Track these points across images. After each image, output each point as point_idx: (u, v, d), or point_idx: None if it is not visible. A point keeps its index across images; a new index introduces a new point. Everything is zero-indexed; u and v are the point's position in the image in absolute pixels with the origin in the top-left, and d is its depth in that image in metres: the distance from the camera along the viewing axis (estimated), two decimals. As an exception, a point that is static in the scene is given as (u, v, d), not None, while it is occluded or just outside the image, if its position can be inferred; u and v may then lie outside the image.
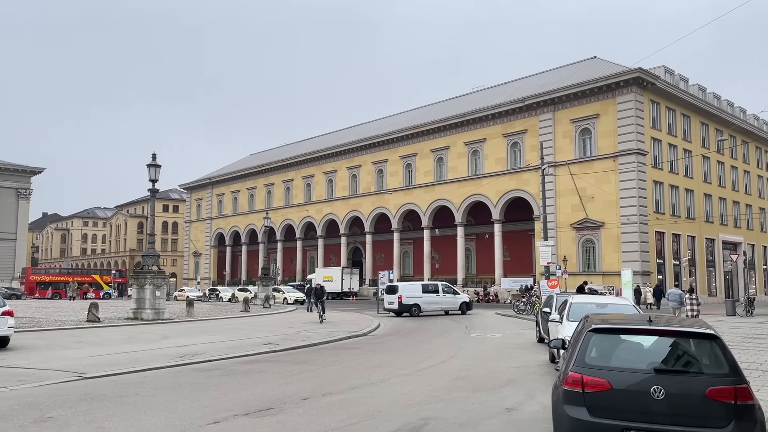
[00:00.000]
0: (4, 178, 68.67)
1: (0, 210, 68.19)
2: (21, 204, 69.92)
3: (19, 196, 69.65)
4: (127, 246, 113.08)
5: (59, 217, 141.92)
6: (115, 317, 26.65)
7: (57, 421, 7.68)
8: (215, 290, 58.55)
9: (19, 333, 17.81)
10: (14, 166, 69.61)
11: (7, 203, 68.63)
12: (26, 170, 70.36)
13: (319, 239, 67.98)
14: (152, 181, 26.83)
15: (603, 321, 6.33)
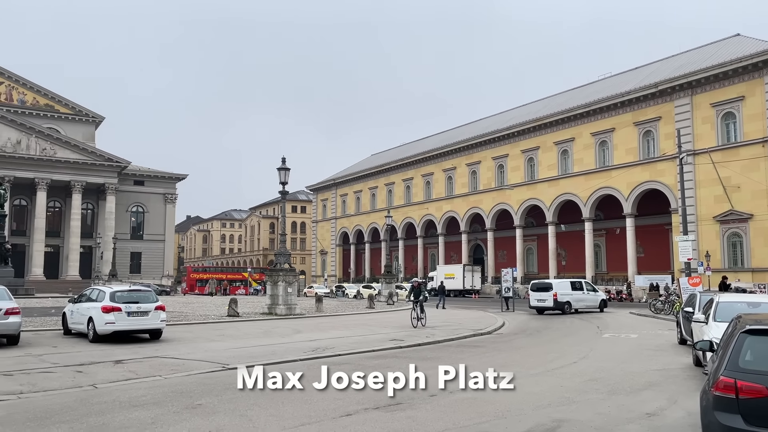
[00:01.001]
0: (154, 184, 75.70)
1: (151, 214, 75.34)
2: (168, 208, 76.70)
3: (167, 201, 76.42)
4: (261, 245, 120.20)
5: (201, 219, 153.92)
6: (252, 312, 28.38)
7: (205, 408, 8.32)
8: (341, 287, 60.60)
9: (170, 326, 19.46)
10: (162, 173, 76.52)
11: (156, 208, 75.63)
12: (172, 177, 77.06)
13: (439, 237, 68.09)
14: (282, 183, 28.23)
15: (758, 322, 5.78)
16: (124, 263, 69.45)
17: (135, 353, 13.93)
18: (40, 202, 64.73)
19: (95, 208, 72.13)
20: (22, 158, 62.92)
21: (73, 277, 64.50)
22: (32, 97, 70.95)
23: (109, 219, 68.13)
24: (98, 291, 17.20)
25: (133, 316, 16.01)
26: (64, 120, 72.33)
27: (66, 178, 65.76)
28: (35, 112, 70.01)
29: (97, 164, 67.52)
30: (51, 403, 8.53)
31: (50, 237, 66.70)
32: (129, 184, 73.07)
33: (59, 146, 65.57)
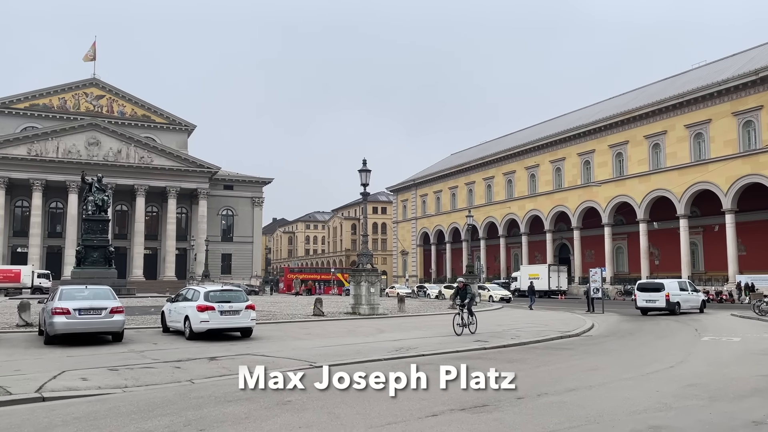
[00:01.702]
0: (242, 189, 78.84)
1: (240, 217, 78.51)
2: (256, 211, 79.65)
3: (254, 204, 79.37)
4: (343, 246, 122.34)
5: (286, 221, 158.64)
6: (336, 312, 28.91)
7: (295, 404, 8.55)
8: (423, 287, 60.59)
9: (259, 325, 20.13)
10: (249, 177, 79.54)
11: (245, 211, 78.74)
12: (258, 181, 79.96)
13: (522, 236, 66.69)
14: (363, 185, 28.61)
15: None
16: (216, 264, 72.73)
17: (228, 350, 14.52)
18: (139, 208, 69.01)
19: (189, 212, 76.00)
20: (123, 166, 67.34)
21: (169, 277, 68.27)
22: (131, 108, 75.77)
23: (202, 222, 71.62)
24: (193, 291, 18.08)
25: (225, 315, 16.71)
26: (159, 129, 76.75)
27: (162, 184, 69.74)
28: (134, 123, 74.70)
29: (190, 170, 71.12)
30: (153, 397, 9.05)
31: (149, 240, 70.94)
32: (219, 188, 76.47)
33: (156, 154, 69.63)
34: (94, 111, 73.03)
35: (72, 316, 15.11)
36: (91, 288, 17.23)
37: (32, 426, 7.37)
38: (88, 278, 31.46)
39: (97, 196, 38.77)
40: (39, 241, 65.35)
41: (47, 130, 65.60)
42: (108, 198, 40.19)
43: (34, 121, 70.48)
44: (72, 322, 15.12)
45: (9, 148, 63.54)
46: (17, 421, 7.61)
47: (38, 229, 65.32)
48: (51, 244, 68.48)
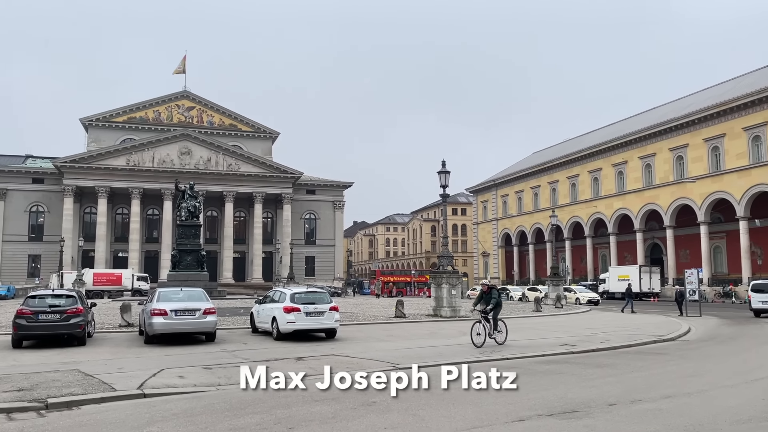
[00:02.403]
0: (324, 193, 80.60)
1: (322, 221, 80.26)
2: (337, 214, 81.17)
3: (335, 208, 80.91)
4: (423, 248, 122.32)
5: (366, 224, 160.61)
6: (417, 314, 28.93)
7: (379, 405, 8.63)
8: (505, 289, 59.51)
9: (343, 326, 20.47)
10: (330, 182, 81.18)
11: (326, 214, 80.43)
12: (339, 185, 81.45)
13: (610, 236, 64.16)
14: (443, 186, 28.51)
15: None
16: (300, 267, 74.68)
17: (313, 351, 14.86)
18: (228, 213, 72.07)
19: (274, 217, 78.51)
20: (213, 174, 70.56)
21: (257, 279, 70.78)
22: (219, 118, 79.27)
23: (286, 226, 73.82)
24: (280, 293, 18.64)
25: (310, 317, 17.11)
26: (245, 137, 79.79)
27: (249, 190, 72.48)
28: (222, 132, 78.10)
29: (275, 176, 73.50)
30: (244, 396, 9.38)
31: (237, 244, 73.87)
32: (302, 193, 78.51)
33: (243, 161, 72.50)
34: (185, 122, 77.00)
35: (169, 317, 15.97)
36: (185, 290, 18.15)
37: (135, 421, 7.84)
38: (183, 281, 33.07)
39: (189, 202, 40.75)
40: (138, 246, 69.56)
41: (143, 141, 69.84)
42: (199, 204, 42.13)
43: (132, 133, 75.15)
44: (169, 322, 15.98)
45: (110, 159, 68.10)
46: (122, 416, 8.12)
47: (137, 234, 69.54)
48: (148, 248, 72.70)
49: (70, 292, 17.35)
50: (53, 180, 69.25)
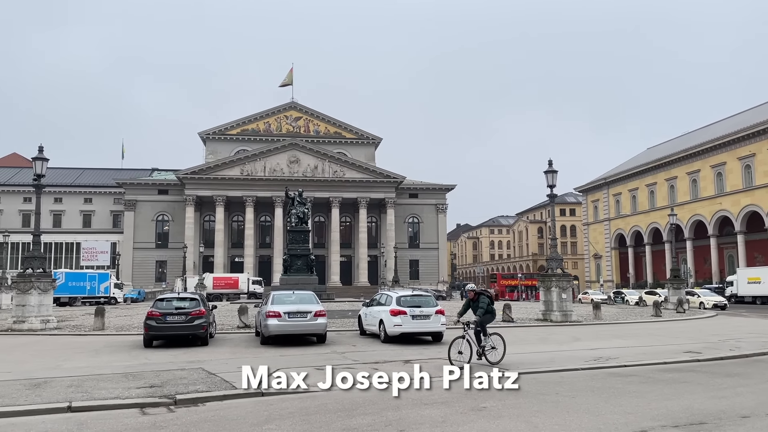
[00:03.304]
0: (427, 196, 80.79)
1: (425, 224, 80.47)
2: (440, 218, 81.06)
3: (438, 211, 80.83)
4: (529, 250, 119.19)
5: (470, 227, 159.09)
6: (525, 318, 28.19)
7: (490, 411, 8.47)
8: (620, 293, 56.64)
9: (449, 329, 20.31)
10: (433, 185, 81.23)
11: (429, 218, 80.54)
12: (442, 188, 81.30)
13: (737, 235, 59.21)
14: (550, 186, 27.66)
15: None
16: (404, 270, 75.29)
17: (420, 354, 14.89)
18: (335, 218, 74.17)
19: (378, 221, 79.79)
20: (319, 181, 72.94)
21: (363, 283, 72.19)
22: (324, 127, 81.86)
23: (390, 230, 74.77)
24: (386, 296, 18.87)
25: (416, 320, 17.18)
26: (349, 144, 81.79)
27: (353, 196, 74.20)
28: (327, 140, 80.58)
29: (378, 181, 74.72)
30: (355, 397, 9.57)
31: (343, 248, 75.78)
32: (405, 197, 79.18)
33: (347, 168, 74.37)
34: (293, 132, 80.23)
35: (282, 319, 16.65)
36: (297, 293, 18.85)
37: (254, 418, 8.23)
38: (294, 284, 34.28)
39: (298, 209, 42.30)
40: (252, 251, 73.27)
41: (256, 152, 73.56)
42: (308, 210, 43.59)
43: (245, 144, 79.35)
44: (282, 324, 16.66)
45: (226, 170, 72.34)
46: (242, 413, 8.55)
47: (251, 240, 73.27)
48: (262, 253, 76.31)
49: (193, 295, 18.57)
50: (176, 191, 74.61)
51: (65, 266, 68.00)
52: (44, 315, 23.06)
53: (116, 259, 73.08)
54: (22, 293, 22.88)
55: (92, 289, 51.65)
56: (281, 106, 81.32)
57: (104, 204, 79.10)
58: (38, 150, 24.02)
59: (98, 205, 79.02)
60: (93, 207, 78.93)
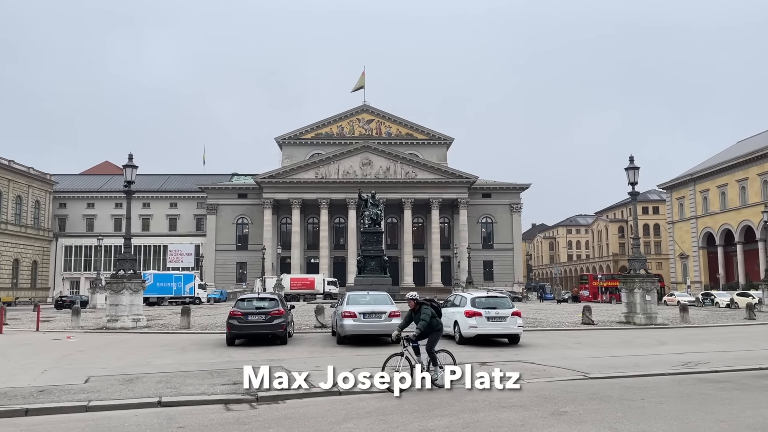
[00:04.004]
0: (500, 196, 79.60)
1: (499, 224, 79.29)
2: (514, 217, 79.64)
3: (512, 211, 79.44)
4: (609, 251, 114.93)
5: (546, 226, 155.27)
6: (606, 321, 27.24)
7: (571, 416, 8.23)
8: (709, 295, 53.59)
9: (526, 332, 19.95)
10: (506, 185, 79.93)
11: (503, 218, 79.29)
12: (516, 187, 79.83)
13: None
14: (632, 184, 26.75)
15: None
16: (478, 271, 74.46)
17: (496, 356, 14.68)
18: (407, 219, 74.38)
19: (450, 222, 79.35)
20: (391, 182, 73.38)
21: (436, 284, 71.97)
22: (396, 129, 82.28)
23: (463, 231, 74.19)
24: (460, 297, 18.74)
25: (492, 321, 16.95)
26: (421, 145, 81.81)
27: (425, 197, 74.17)
28: (399, 142, 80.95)
29: (450, 182, 74.33)
30: (431, 398, 9.56)
31: (416, 249, 75.86)
32: (477, 197, 78.33)
33: (419, 169, 74.46)
34: (365, 134, 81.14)
35: (358, 319, 16.86)
36: (371, 294, 19.05)
37: (333, 416, 8.37)
38: (368, 285, 34.68)
39: (371, 210, 42.77)
40: (327, 252, 74.67)
41: (329, 155, 74.96)
42: (381, 212, 43.99)
43: (319, 148, 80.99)
44: (358, 324, 16.87)
45: (301, 173, 74.12)
46: (321, 411, 8.72)
47: (326, 242, 74.68)
48: (336, 255, 77.59)
49: (272, 296, 19.13)
50: (254, 194, 77.13)
51: (153, 268, 71.65)
52: (135, 314, 24.43)
53: (199, 261, 76.39)
54: (115, 293, 24.33)
55: (178, 289, 54.25)
56: (353, 110, 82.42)
57: (188, 208, 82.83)
58: (128, 158, 25.46)
59: (183, 209, 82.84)
60: (178, 211, 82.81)
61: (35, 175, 74.99)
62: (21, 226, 71.92)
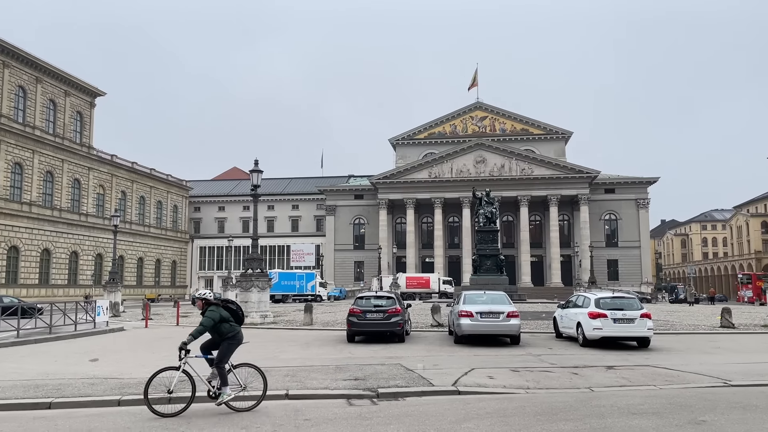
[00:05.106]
0: (625, 191, 75.33)
1: (624, 221, 75.06)
2: (641, 213, 75.03)
3: (639, 207, 74.91)
4: (751, 248, 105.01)
5: (677, 222, 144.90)
6: (750, 324, 24.95)
7: (711, 425, 7.61)
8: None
9: (657, 335, 18.75)
10: (631, 179, 75.47)
11: (628, 214, 74.96)
12: (642, 181, 75.16)
13: None
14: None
15: None
16: (601, 270, 71.02)
17: (624, 360, 13.92)
18: (523, 217, 72.52)
19: (570, 219, 76.35)
20: (506, 179, 71.95)
21: (555, 284, 69.55)
22: (510, 125, 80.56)
23: (584, 228, 71.10)
24: (583, 297, 17.96)
25: (618, 323, 16.09)
26: (537, 140, 79.50)
27: (543, 193, 71.94)
28: (513, 138, 79.19)
29: (569, 177, 71.53)
30: (554, 401, 9.25)
31: (533, 248, 73.79)
32: (600, 193, 74.73)
33: (535, 165, 72.38)
34: (479, 132, 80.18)
35: (475, 319, 16.70)
36: (488, 293, 18.78)
37: (453, 416, 8.34)
38: (484, 284, 34.26)
39: (486, 209, 42.18)
40: (441, 251, 74.63)
41: (442, 154, 74.88)
42: (496, 210, 43.27)
43: (432, 147, 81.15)
44: (475, 324, 16.70)
45: (414, 173, 74.68)
46: (440, 410, 8.72)
47: (440, 241, 74.67)
48: (450, 254, 77.34)
49: (389, 294, 19.42)
50: (370, 195, 78.83)
51: (277, 267, 75.43)
52: (263, 310, 25.84)
53: (319, 260, 79.41)
54: (244, 291, 25.88)
55: (301, 287, 56.75)
56: (466, 107, 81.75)
57: (308, 210, 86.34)
58: (254, 163, 26.96)
59: (304, 210, 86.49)
60: (299, 213, 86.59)
61: (173, 181, 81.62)
62: (162, 228, 78.57)
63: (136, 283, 71.75)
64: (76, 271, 61.28)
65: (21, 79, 55.02)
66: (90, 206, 63.80)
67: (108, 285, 39.95)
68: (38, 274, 56.08)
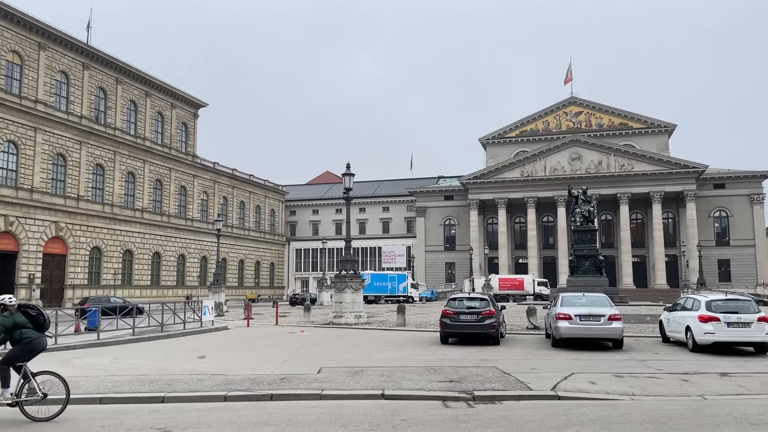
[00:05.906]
0: (736, 186, 70.08)
1: (736, 218, 69.83)
2: (755, 210, 69.51)
3: (753, 202, 69.46)
4: None
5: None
6: None
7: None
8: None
9: None
10: (743, 173, 70.12)
11: (741, 210, 69.65)
12: (756, 175, 69.58)
13: None
14: None
15: None
16: (711, 271, 66.53)
17: (740, 367, 12.95)
18: (624, 215, 69.17)
19: (675, 217, 72.08)
20: (604, 176, 68.98)
21: (660, 285, 65.84)
22: (607, 119, 77.14)
23: (691, 226, 66.89)
24: (693, 300, 16.90)
25: (732, 327, 15.00)
26: (637, 135, 75.61)
27: (644, 190, 68.33)
28: (611, 133, 75.79)
29: (673, 173, 67.53)
30: (662, 409, 8.75)
31: (635, 247, 70.22)
32: (708, 188, 70.03)
33: (635, 160, 68.90)
34: (573, 128, 77.36)
35: (573, 322, 16.12)
36: (587, 295, 18.07)
37: (553, 421, 8.08)
38: (582, 286, 32.99)
39: (583, 207, 40.61)
40: (535, 252, 72.64)
41: (535, 152, 72.92)
42: (593, 209, 41.56)
43: (524, 145, 79.23)
44: (574, 327, 16.12)
45: (506, 172, 73.26)
46: (539, 415, 8.48)
47: (534, 241, 72.71)
48: (545, 254, 75.13)
49: (483, 296, 19.17)
50: (460, 196, 78.19)
51: (369, 268, 76.46)
52: (357, 311, 26.30)
53: (411, 261, 79.71)
54: (339, 292, 26.46)
55: (393, 288, 57.22)
56: (560, 103, 79.19)
57: (399, 211, 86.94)
58: (346, 167, 27.50)
59: (394, 212, 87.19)
60: (390, 215, 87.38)
61: (270, 186, 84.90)
62: (260, 232, 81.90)
63: (238, 284, 75.16)
64: (184, 272, 65.13)
65: (132, 94, 59.21)
66: (195, 211, 67.64)
67: (213, 286, 42.17)
68: (150, 275, 60.11)
